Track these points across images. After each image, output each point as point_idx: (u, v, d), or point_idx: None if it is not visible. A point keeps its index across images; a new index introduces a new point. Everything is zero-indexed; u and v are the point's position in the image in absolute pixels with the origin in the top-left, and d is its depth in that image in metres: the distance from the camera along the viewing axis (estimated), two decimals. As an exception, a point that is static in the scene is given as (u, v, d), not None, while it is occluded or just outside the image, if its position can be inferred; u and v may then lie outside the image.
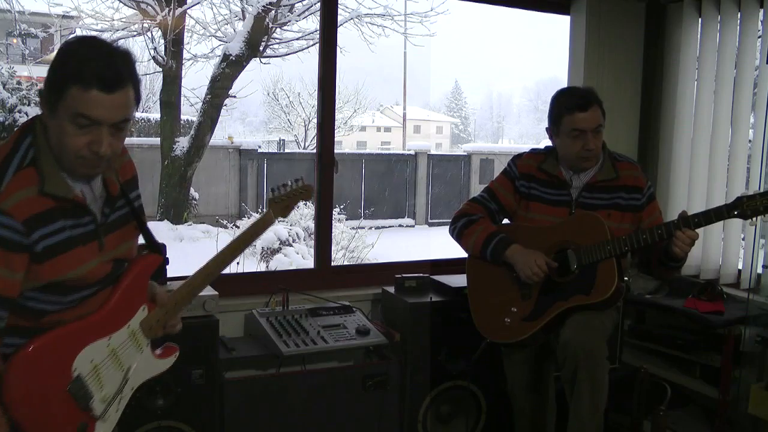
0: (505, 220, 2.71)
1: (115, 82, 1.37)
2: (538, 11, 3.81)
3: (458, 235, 2.64)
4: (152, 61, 9.97)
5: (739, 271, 3.33)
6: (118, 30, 9.85)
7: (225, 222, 10.73)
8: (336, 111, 3.40)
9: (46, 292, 1.42)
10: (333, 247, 3.66)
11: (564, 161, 2.54)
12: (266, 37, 9.82)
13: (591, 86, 2.60)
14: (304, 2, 9.79)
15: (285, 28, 10.17)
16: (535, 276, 2.44)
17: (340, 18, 3.39)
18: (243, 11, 9.90)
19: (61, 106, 1.36)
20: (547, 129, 2.58)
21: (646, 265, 2.54)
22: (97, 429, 1.52)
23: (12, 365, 1.38)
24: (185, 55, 10.11)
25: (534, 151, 2.68)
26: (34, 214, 1.36)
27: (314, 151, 4.02)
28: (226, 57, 9.58)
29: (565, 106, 2.46)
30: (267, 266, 8.45)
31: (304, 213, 9.42)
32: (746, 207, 2.23)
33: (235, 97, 10.39)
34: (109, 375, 1.53)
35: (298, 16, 9.98)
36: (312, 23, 10.04)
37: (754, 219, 2.24)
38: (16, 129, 1.45)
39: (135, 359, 1.59)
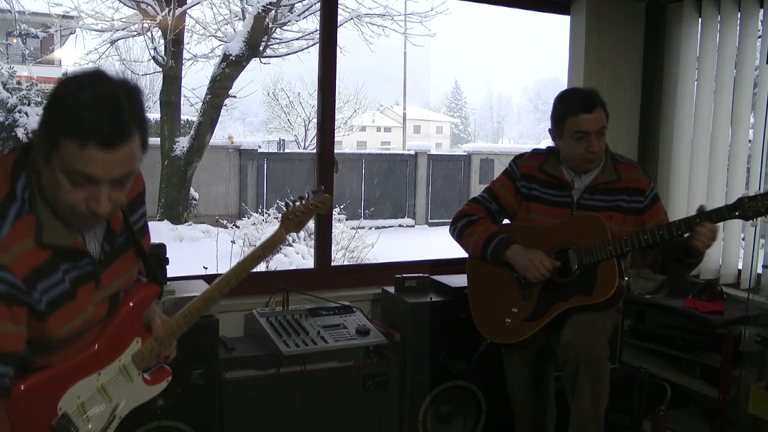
0: (506, 221, 2.71)
1: (117, 138, 1.20)
2: (538, 11, 3.81)
3: (458, 235, 2.64)
4: (152, 61, 9.98)
5: (739, 271, 3.33)
6: (118, 30, 9.86)
7: (225, 222, 10.74)
8: (336, 111, 3.40)
9: (38, 344, 1.33)
10: (333, 247, 3.66)
11: (566, 162, 2.53)
12: (266, 37, 9.82)
13: (593, 87, 2.59)
14: (304, 2, 9.79)
15: (285, 28, 10.18)
16: (542, 276, 2.43)
17: (340, 18, 3.39)
18: (243, 11, 9.91)
19: (55, 157, 1.19)
20: (549, 130, 2.56)
21: (661, 264, 2.52)
22: None
23: None
24: (185, 55, 10.13)
25: (535, 152, 2.66)
26: (33, 268, 1.25)
27: (314, 151, 4.02)
28: (226, 57, 9.59)
29: (569, 108, 2.45)
30: (267, 266, 8.44)
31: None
32: (747, 208, 2.23)
33: (235, 97, 10.39)
34: (96, 410, 1.47)
35: (298, 16, 9.98)
36: (312, 23, 10.05)
37: (755, 220, 2.24)
38: (4, 154, 1.31)
39: (125, 393, 1.53)
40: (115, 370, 1.49)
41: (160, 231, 8.95)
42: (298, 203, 1.80)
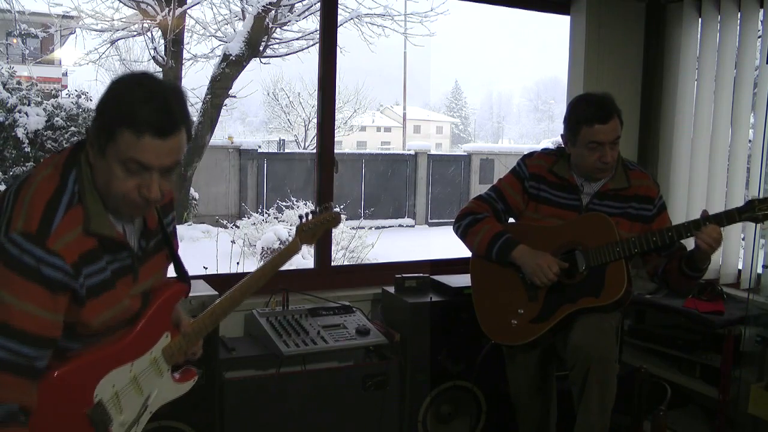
0: (511, 220, 2.69)
1: (169, 128, 1.33)
2: (538, 11, 3.81)
3: (463, 233, 2.59)
4: (152, 61, 9.97)
5: (739, 271, 3.33)
6: (118, 30, 9.86)
7: (225, 222, 10.74)
8: (336, 111, 3.40)
9: (75, 332, 1.40)
10: (333, 247, 3.67)
11: (577, 169, 2.48)
12: (266, 37, 9.81)
13: (608, 93, 2.46)
14: (304, 2, 9.79)
15: (285, 28, 10.17)
16: (550, 282, 2.40)
17: (340, 18, 3.39)
18: (243, 11, 9.90)
19: (111, 148, 1.32)
20: (562, 135, 2.50)
21: (661, 276, 2.47)
22: None
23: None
24: (185, 55, 10.11)
25: (545, 152, 2.60)
26: (80, 254, 1.34)
27: (314, 151, 4.02)
28: (226, 57, 9.58)
29: (584, 117, 2.37)
30: (267, 266, 8.43)
31: (304, 213, 9.42)
32: (758, 210, 2.21)
33: (235, 97, 10.38)
34: (129, 400, 1.53)
35: (298, 16, 9.97)
36: (312, 23, 10.04)
37: (766, 223, 2.22)
38: (56, 153, 1.42)
39: (155, 385, 1.59)
40: (146, 362, 1.55)
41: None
42: (311, 217, 1.91)
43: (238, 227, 9.42)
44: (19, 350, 1.29)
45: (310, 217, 1.89)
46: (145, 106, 1.30)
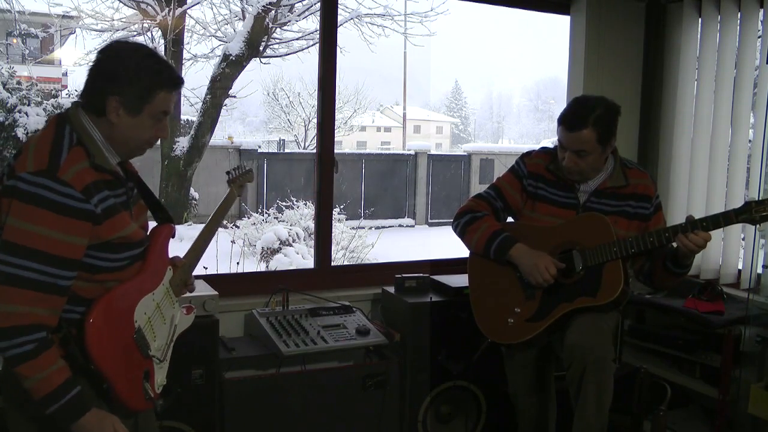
0: (510, 219, 2.69)
1: (181, 79, 1.67)
2: (538, 11, 3.81)
3: (461, 231, 2.60)
4: (152, 61, 9.96)
5: (739, 271, 3.33)
6: (118, 30, 9.85)
7: (225, 222, 10.70)
8: (336, 111, 3.40)
9: (101, 250, 1.57)
10: (333, 247, 3.66)
11: None
12: (266, 37, 9.81)
13: (602, 102, 2.39)
14: (304, 2, 9.79)
15: (285, 28, 10.17)
16: (547, 282, 2.41)
17: (340, 18, 3.39)
18: (243, 11, 9.90)
19: (148, 107, 1.59)
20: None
21: (647, 274, 2.50)
22: (156, 375, 1.72)
23: (91, 319, 1.54)
24: (185, 55, 10.12)
25: (544, 150, 2.61)
26: (89, 182, 1.52)
27: (314, 151, 4.02)
28: (226, 57, 9.58)
29: (560, 117, 2.42)
30: (267, 266, 8.45)
31: (304, 213, 9.42)
32: (755, 212, 2.20)
33: (235, 97, 10.38)
34: (158, 326, 1.74)
35: (298, 16, 9.97)
36: (312, 23, 10.04)
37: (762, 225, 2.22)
38: (47, 122, 1.62)
39: (173, 315, 1.82)
40: (163, 292, 1.77)
41: (160, 231, 8.92)
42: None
43: (238, 227, 9.41)
44: (42, 269, 1.46)
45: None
46: (167, 69, 1.61)
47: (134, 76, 1.56)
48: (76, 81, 14.25)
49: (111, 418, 1.54)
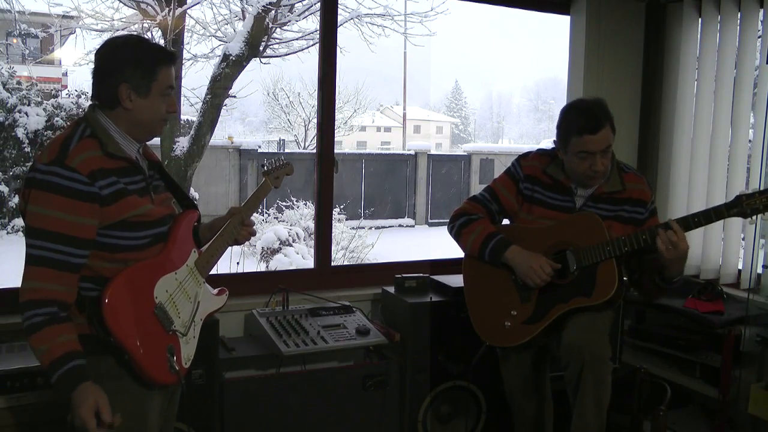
0: (505, 221, 2.70)
1: (176, 55, 1.83)
2: (538, 11, 3.81)
3: (456, 233, 2.61)
4: (152, 60, 9.96)
5: (739, 271, 3.33)
6: (118, 30, 9.84)
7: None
8: (336, 111, 3.40)
9: (118, 229, 1.69)
10: (333, 247, 3.66)
11: (571, 175, 2.48)
12: (266, 37, 9.81)
13: (601, 99, 2.44)
14: (304, 2, 9.78)
15: (285, 28, 10.16)
16: (543, 283, 2.41)
17: (340, 18, 3.39)
18: (243, 11, 9.89)
19: (155, 85, 1.72)
20: (554, 141, 2.50)
21: (637, 280, 2.51)
22: (182, 350, 1.80)
23: (107, 294, 1.63)
24: (185, 55, 10.10)
25: (540, 152, 2.60)
26: (96, 168, 1.64)
27: (314, 151, 4.02)
28: (226, 57, 9.56)
29: (574, 127, 2.36)
30: (267, 266, 8.45)
31: (304, 213, 9.42)
32: (746, 205, 2.21)
33: (235, 97, 10.36)
34: (181, 303, 1.82)
35: (298, 16, 9.96)
36: (312, 23, 10.02)
37: (754, 218, 2.23)
38: (68, 124, 1.77)
39: (197, 290, 1.89)
40: (186, 272, 1.85)
41: (160, 231, 8.92)
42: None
43: (238, 227, 9.40)
44: (56, 248, 1.60)
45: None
46: (159, 47, 1.78)
47: (134, 60, 1.70)
48: (76, 81, 14.25)
49: (98, 394, 1.60)
